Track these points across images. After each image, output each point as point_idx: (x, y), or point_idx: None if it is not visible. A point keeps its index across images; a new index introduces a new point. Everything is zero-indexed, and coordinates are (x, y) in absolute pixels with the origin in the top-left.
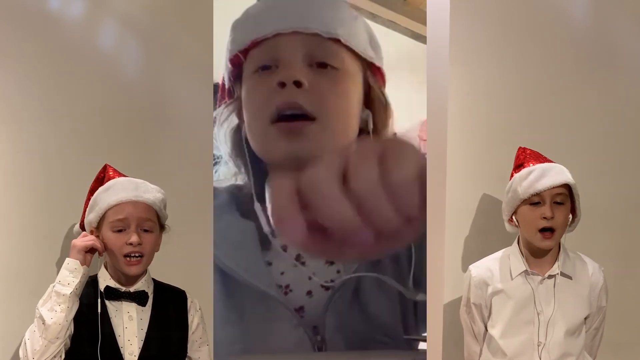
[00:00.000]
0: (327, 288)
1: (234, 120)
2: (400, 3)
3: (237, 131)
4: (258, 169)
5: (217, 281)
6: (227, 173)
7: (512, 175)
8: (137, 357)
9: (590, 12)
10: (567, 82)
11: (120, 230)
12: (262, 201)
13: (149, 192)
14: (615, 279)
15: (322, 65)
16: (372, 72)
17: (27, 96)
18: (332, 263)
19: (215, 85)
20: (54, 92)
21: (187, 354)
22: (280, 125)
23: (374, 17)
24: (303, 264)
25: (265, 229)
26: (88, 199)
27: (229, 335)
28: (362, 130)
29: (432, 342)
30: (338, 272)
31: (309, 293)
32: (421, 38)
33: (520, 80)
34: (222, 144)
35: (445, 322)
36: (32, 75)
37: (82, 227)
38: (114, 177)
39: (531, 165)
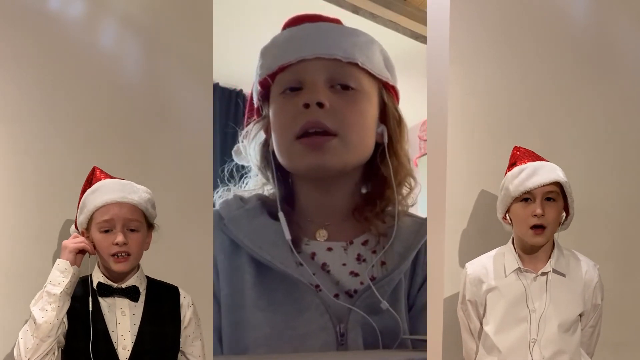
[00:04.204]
0: (351, 296)
1: (262, 136)
2: (400, 3)
3: (265, 145)
4: (283, 179)
5: (251, 272)
6: (256, 184)
7: (506, 174)
8: (130, 352)
9: (590, 12)
10: (567, 81)
11: (107, 231)
12: (285, 211)
13: (135, 192)
14: (615, 279)
15: (343, 87)
16: (387, 91)
17: (26, 96)
18: (356, 275)
19: (244, 101)
20: (53, 92)
21: (181, 348)
22: (304, 141)
23: (374, 17)
24: (328, 272)
25: (287, 236)
26: (80, 201)
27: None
28: (379, 144)
29: (432, 342)
30: (362, 283)
31: (336, 296)
32: (421, 38)
33: (520, 80)
34: (252, 157)
35: (445, 321)
36: (32, 75)
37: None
38: (101, 179)
39: (523, 163)
